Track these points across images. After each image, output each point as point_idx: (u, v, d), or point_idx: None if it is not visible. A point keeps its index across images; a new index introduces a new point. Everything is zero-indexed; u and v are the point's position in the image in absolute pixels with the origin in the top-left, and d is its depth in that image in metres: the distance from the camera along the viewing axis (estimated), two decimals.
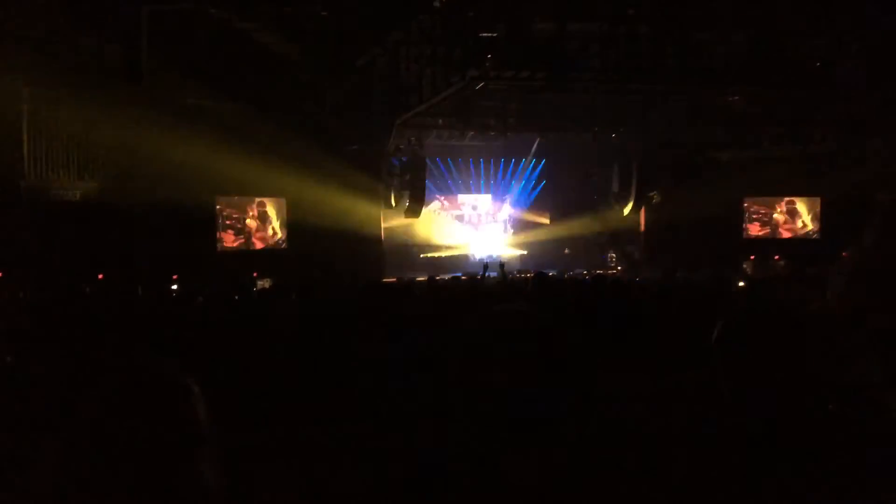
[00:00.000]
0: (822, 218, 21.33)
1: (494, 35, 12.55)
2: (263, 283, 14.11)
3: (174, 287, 12.61)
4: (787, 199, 21.99)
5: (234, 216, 18.67)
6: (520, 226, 25.28)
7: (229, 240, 18.56)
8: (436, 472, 1.31)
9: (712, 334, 1.65)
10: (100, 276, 13.98)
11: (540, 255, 24.02)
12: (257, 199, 18.74)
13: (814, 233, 21.48)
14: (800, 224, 21.96)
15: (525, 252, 24.28)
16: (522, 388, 1.28)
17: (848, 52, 13.24)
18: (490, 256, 22.36)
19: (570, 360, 1.33)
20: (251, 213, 18.80)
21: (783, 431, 1.49)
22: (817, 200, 21.54)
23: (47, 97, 15.24)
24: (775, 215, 22.11)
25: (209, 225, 18.00)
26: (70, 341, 4.51)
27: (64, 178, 15.76)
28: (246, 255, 18.10)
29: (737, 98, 17.77)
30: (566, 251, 24.39)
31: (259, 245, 18.82)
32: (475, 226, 24.81)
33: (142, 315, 6.43)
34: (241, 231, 18.68)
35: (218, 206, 18.32)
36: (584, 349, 1.36)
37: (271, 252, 18.54)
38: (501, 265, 10.23)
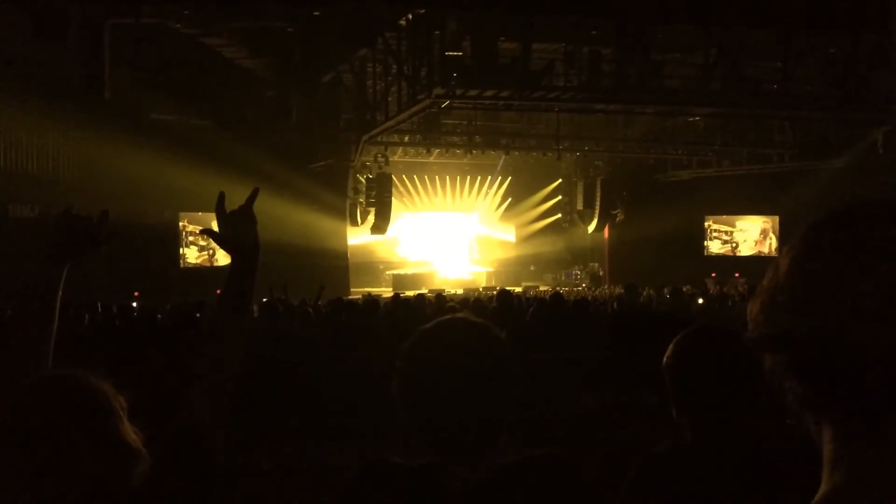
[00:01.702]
0: (781, 236, 21.75)
1: (460, 54, 12.66)
2: None
3: (134, 304, 12.41)
4: (747, 217, 22.41)
5: (198, 232, 18.48)
6: (485, 243, 25.40)
7: (192, 256, 18.35)
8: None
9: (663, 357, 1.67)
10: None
11: (505, 272, 24.15)
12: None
13: (774, 251, 21.89)
14: (759, 242, 22.38)
15: (491, 269, 24.38)
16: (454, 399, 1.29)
17: (805, 74, 13.58)
18: None
19: (505, 369, 1.33)
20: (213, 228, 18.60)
21: (737, 457, 1.50)
22: (776, 219, 21.99)
23: (6, 111, 14.97)
24: (735, 233, 22.51)
25: (172, 241, 17.78)
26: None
27: (21, 195, 15.46)
28: (210, 272, 17.91)
29: (697, 118, 18.12)
30: (531, 268, 24.57)
31: (224, 261, 18.63)
32: (441, 243, 24.86)
33: (98, 331, 6.33)
34: (205, 247, 18.49)
35: (181, 223, 18.11)
36: (520, 360, 1.37)
37: None
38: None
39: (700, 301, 8.50)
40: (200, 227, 18.36)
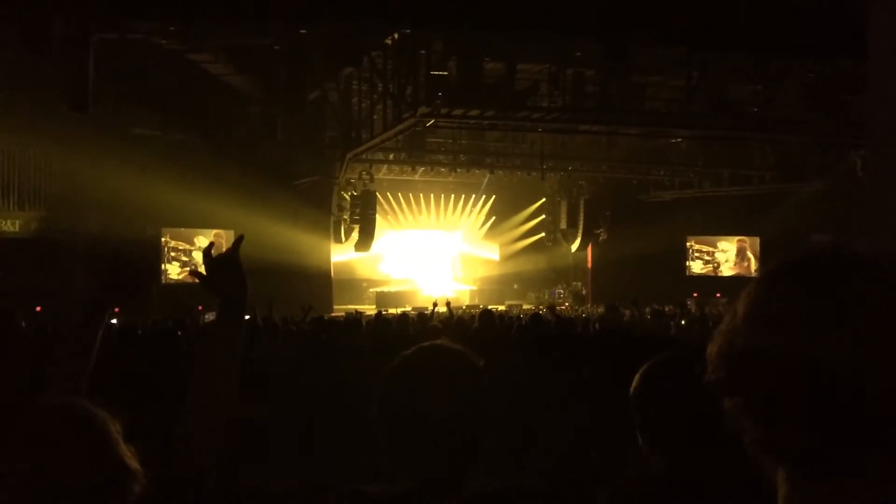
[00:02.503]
0: (762, 257, 21.94)
1: (445, 74, 12.75)
2: (210, 316, 13.86)
3: (114, 321, 12.30)
4: (728, 238, 22.61)
5: (180, 248, 18.38)
6: (469, 261, 25.43)
7: (174, 272, 18.24)
8: None
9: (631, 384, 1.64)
10: (37, 309, 13.56)
11: (489, 290, 24.17)
12: (209, 231, 18.51)
13: (754, 271, 22.06)
14: (741, 263, 22.56)
15: (474, 287, 24.39)
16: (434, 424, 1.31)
17: (785, 97, 13.78)
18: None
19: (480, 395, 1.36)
20: (198, 245, 18.53)
21: (706, 487, 1.49)
22: (756, 240, 22.18)
23: None
24: (717, 254, 22.70)
25: (154, 257, 17.67)
26: None
27: (3, 209, 15.34)
28: (192, 288, 17.71)
29: (679, 140, 18.32)
30: (515, 286, 24.61)
31: None
32: (425, 260, 24.86)
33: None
34: (188, 263, 18.38)
35: (164, 238, 18.02)
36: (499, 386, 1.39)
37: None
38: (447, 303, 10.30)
39: (683, 322, 8.55)
40: (184, 246, 18.28)
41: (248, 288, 1.68)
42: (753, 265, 22.30)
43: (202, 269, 1.72)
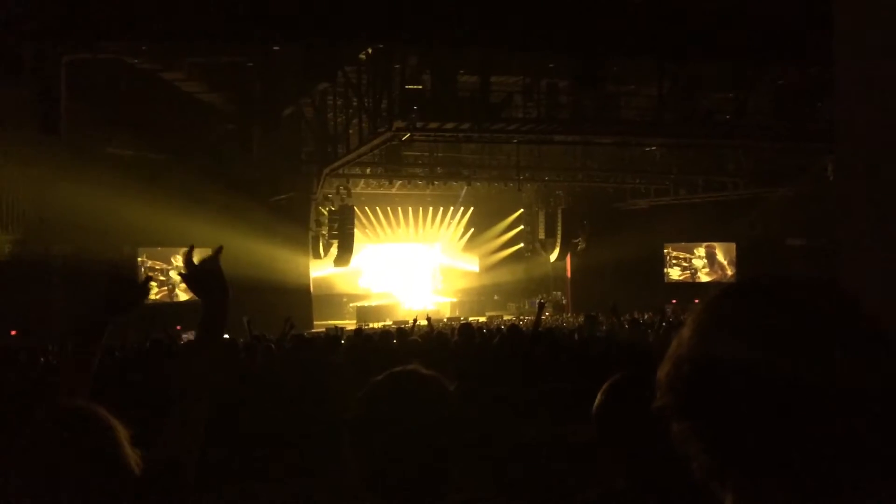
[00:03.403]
0: (739, 262, 22.15)
1: (420, 87, 12.79)
2: (188, 336, 13.74)
3: None
4: (704, 244, 22.80)
5: (157, 267, 18.23)
6: (449, 273, 25.44)
7: (152, 292, 18.07)
8: None
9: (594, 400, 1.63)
10: (12, 333, 13.39)
11: (470, 301, 24.19)
12: (182, 250, 18.38)
13: (732, 277, 22.26)
14: (717, 268, 22.76)
15: (455, 299, 24.40)
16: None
17: (756, 104, 13.98)
18: None
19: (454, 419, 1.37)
20: (175, 265, 18.38)
21: None
22: (732, 245, 22.39)
23: None
24: (694, 260, 22.88)
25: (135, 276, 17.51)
26: None
27: None
28: (170, 307, 17.63)
29: (654, 148, 18.49)
30: (495, 297, 24.66)
31: (184, 296, 18.39)
32: (404, 274, 24.83)
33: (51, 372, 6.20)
34: (165, 282, 18.24)
35: (140, 258, 17.87)
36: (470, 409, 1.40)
37: (197, 304, 18.06)
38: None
39: (661, 330, 8.58)
40: (161, 265, 18.13)
41: (230, 291, 1.79)
42: (727, 270, 22.51)
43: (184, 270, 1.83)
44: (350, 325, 18.17)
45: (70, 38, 10.56)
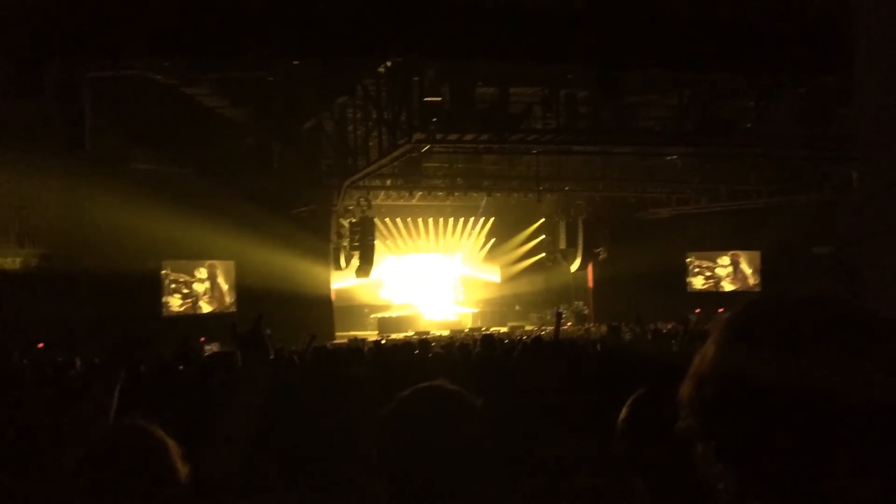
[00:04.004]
0: (763, 271, 21.93)
1: (439, 99, 12.82)
2: (212, 348, 13.83)
3: None
4: (728, 253, 22.61)
5: (181, 280, 18.39)
6: (470, 283, 25.41)
7: (175, 304, 18.23)
8: None
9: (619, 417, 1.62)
10: (39, 346, 13.53)
11: (491, 312, 24.14)
12: (207, 262, 18.53)
13: (756, 286, 22.05)
14: (742, 277, 22.55)
15: (476, 310, 24.35)
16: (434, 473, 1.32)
17: (777, 112, 13.86)
18: None
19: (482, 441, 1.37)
20: (199, 277, 18.54)
21: None
22: (757, 254, 22.19)
23: None
24: (717, 269, 22.69)
25: (154, 290, 17.67)
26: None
27: (3, 247, 15.38)
28: (193, 320, 17.77)
29: (675, 157, 18.39)
30: (517, 308, 24.58)
31: (207, 309, 18.53)
32: (425, 284, 24.84)
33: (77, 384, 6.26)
34: (189, 295, 18.39)
35: (164, 271, 18.04)
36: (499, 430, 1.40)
37: (220, 316, 18.24)
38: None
39: (686, 339, 8.50)
40: (185, 278, 18.27)
41: (270, 353, 2.14)
42: (751, 279, 22.29)
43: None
44: (371, 335, 18.22)
45: (92, 55, 10.71)
